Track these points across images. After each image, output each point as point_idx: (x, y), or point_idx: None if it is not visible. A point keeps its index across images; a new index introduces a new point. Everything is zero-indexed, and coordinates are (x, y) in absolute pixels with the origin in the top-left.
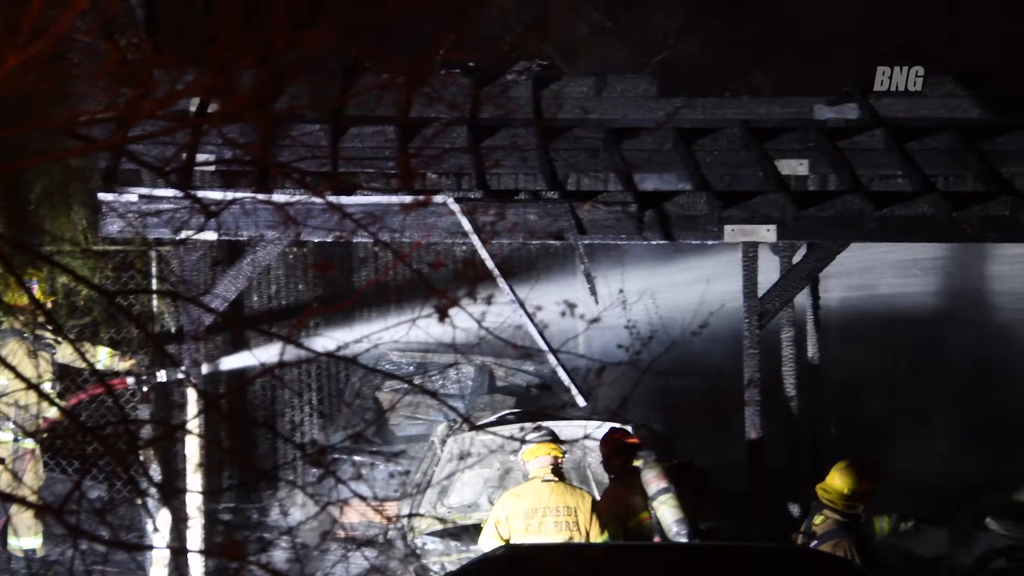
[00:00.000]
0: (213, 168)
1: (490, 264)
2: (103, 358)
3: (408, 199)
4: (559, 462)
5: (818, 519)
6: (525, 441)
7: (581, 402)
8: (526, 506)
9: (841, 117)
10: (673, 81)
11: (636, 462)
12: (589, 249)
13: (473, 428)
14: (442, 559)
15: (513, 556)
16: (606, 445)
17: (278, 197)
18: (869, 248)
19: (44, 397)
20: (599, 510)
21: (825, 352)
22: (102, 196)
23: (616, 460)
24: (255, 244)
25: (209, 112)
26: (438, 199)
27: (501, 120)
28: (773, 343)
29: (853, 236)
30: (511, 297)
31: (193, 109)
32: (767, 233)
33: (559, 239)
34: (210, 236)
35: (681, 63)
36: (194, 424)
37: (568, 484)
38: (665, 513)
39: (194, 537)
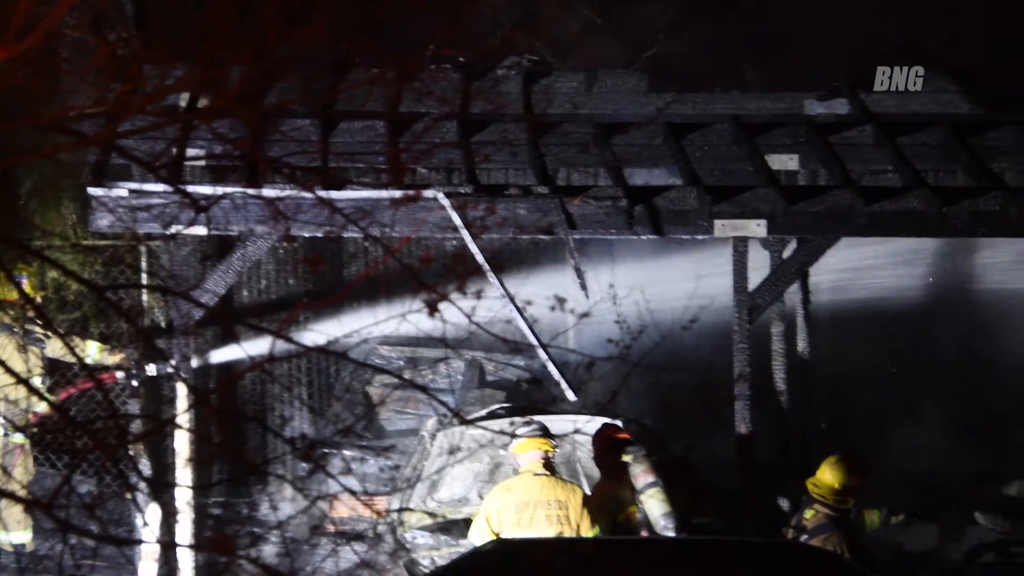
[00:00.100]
0: (203, 163)
1: (480, 259)
2: (93, 353)
3: (398, 194)
4: (550, 456)
5: (808, 513)
6: (516, 435)
7: (571, 396)
8: (517, 500)
9: (831, 112)
10: (663, 76)
11: (625, 457)
12: (579, 244)
13: (463, 422)
14: (432, 553)
15: (503, 550)
16: (598, 442)
17: (268, 192)
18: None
19: (34, 392)
20: (589, 504)
21: (815, 347)
22: (92, 191)
23: (607, 457)
24: (245, 239)
25: (199, 107)
26: (428, 194)
27: (491, 115)
28: (763, 338)
29: (843, 231)
30: (501, 292)
31: (183, 104)
32: (757, 228)
33: (549, 234)
34: (200, 231)
35: (671, 58)
36: (184, 419)
37: (559, 478)
38: (653, 506)
39: (184, 531)
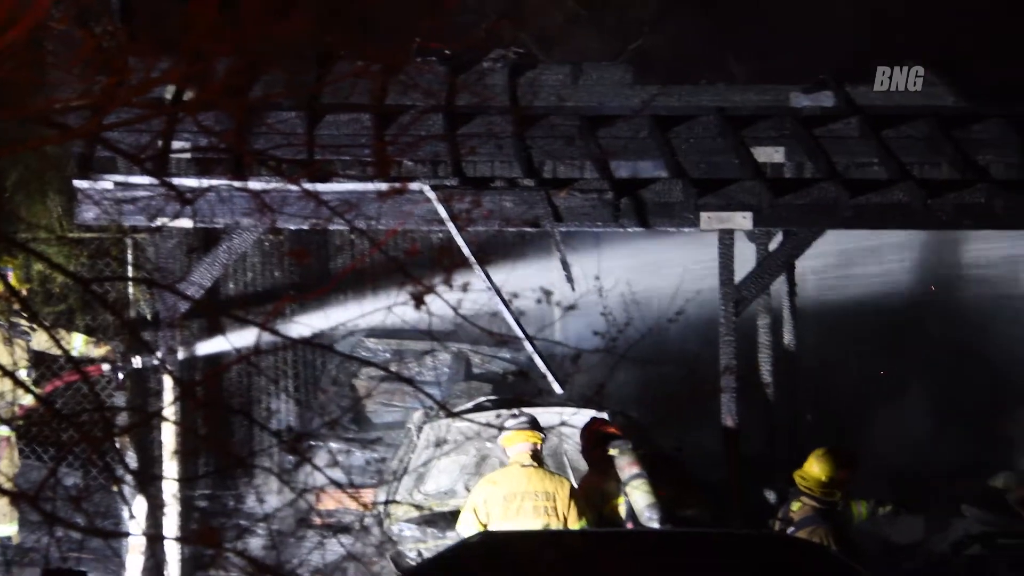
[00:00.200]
0: (188, 156)
1: (466, 251)
2: (78, 345)
3: (384, 186)
4: (538, 448)
5: (795, 506)
6: (504, 427)
7: (557, 389)
8: (505, 491)
9: (817, 105)
10: (649, 69)
11: (611, 451)
12: (565, 236)
13: (449, 415)
14: (418, 546)
15: (490, 543)
16: (586, 436)
17: (254, 185)
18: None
19: (19, 384)
20: (577, 496)
21: (801, 339)
22: (77, 183)
23: (595, 451)
24: (231, 231)
25: (184, 100)
26: (414, 186)
27: (477, 108)
28: (749, 330)
29: (829, 223)
30: (487, 284)
31: (169, 97)
32: (743, 220)
33: (535, 226)
34: (186, 223)
35: (657, 51)
36: (170, 411)
37: (547, 470)
38: (637, 498)
39: (170, 524)
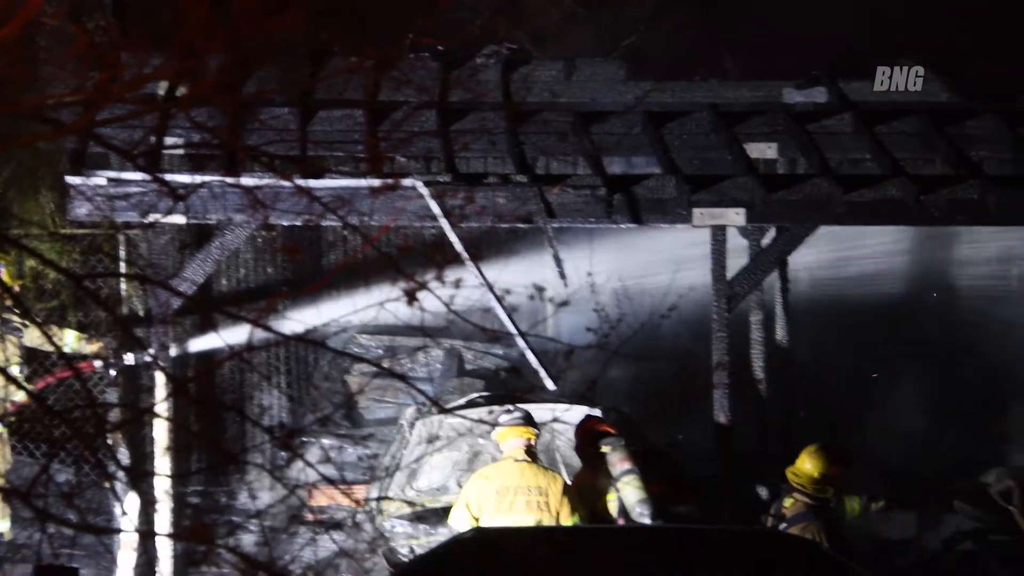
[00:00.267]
0: (181, 151)
1: (459, 247)
2: (71, 341)
3: (377, 182)
4: (532, 444)
5: (788, 502)
6: (496, 424)
7: (550, 385)
8: (498, 485)
9: (810, 101)
10: (642, 65)
11: (604, 448)
12: (558, 232)
13: (442, 411)
14: (411, 542)
15: (482, 539)
16: (579, 433)
17: (246, 181)
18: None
19: (11, 380)
20: (570, 493)
21: (794, 335)
22: (70, 179)
23: (589, 448)
24: (223, 227)
25: (177, 95)
26: (407, 182)
27: (470, 104)
28: (742, 326)
29: (822, 219)
30: (480, 280)
31: (161, 92)
32: (736, 216)
33: (528, 222)
34: (178, 219)
35: (650, 47)
36: (162, 407)
37: (540, 465)
38: (629, 493)
39: (162, 520)
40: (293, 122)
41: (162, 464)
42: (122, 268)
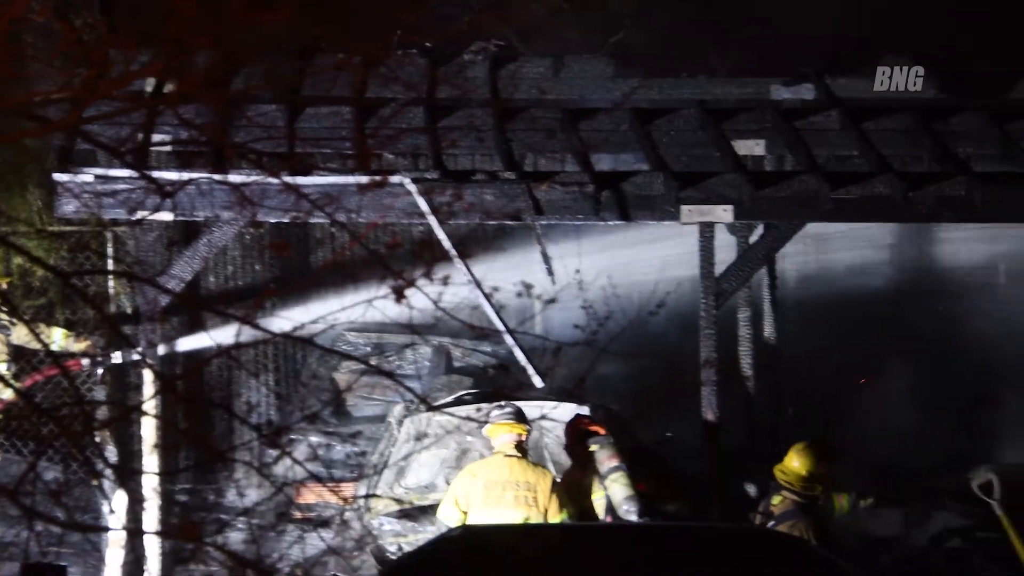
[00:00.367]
0: (169, 148)
1: (447, 244)
2: (58, 339)
3: (365, 179)
4: (523, 439)
5: (776, 500)
6: (487, 421)
7: (538, 382)
8: (486, 479)
9: (797, 97)
10: (630, 61)
11: (592, 447)
12: (546, 229)
13: (430, 408)
14: (398, 540)
15: (470, 536)
16: (569, 432)
17: (234, 177)
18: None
19: None
20: (559, 489)
21: (782, 332)
22: (57, 176)
23: (578, 446)
24: (211, 224)
25: (165, 92)
26: (395, 179)
27: (458, 100)
28: (730, 323)
29: (809, 216)
30: (468, 278)
31: (149, 89)
32: (724, 213)
33: (516, 219)
34: (166, 217)
35: (638, 44)
36: (150, 405)
37: (530, 462)
38: (616, 490)
39: (150, 518)
40: (281, 119)
41: (150, 462)
42: (110, 265)
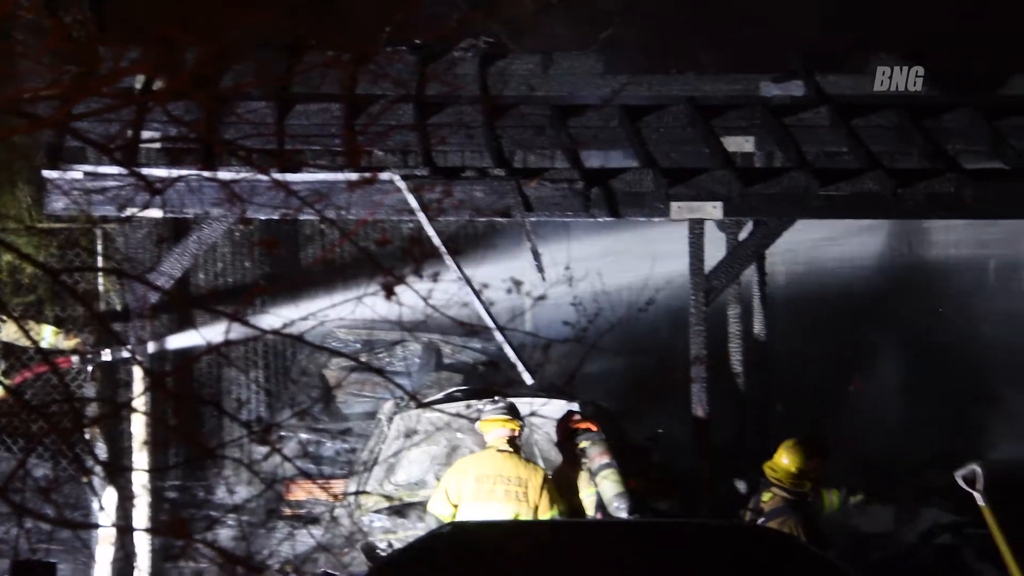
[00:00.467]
0: (158, 145)
1: (436, 241)
2: (48, 336)
3: (354, 176)
4: (516, 435)
5: (766, 496)
6: (478, 417)
7: (528, 379)
8: (477, 472)
9: (787, 94)
10: (619, 58)
11: (583, 443)
12: (535, 226)
13: (420, 405)
14: (388, 536)
15: (460, 533)
16: (560, 428)
17: (223, 175)
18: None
19: None
20: (549, 486)
21: (772, 329)
22: (47, 173)
23: (569, 443)
24: (200, 221)
25: (154, 89)
26: (384, 176)
27: (447, 97)
28: (720, 320)
29: (799, 213)
30: (458, 274)
31: (138, 86)
32: (713, 210)
33: (506, 216)
34: (155, 214)
35: (627, 40)
36: (139, 402)
37: (522, 457)
38: (606, 487)
39: (140, 515)
40: (270, 116)
41: (140, 459)
42: (99, 262)
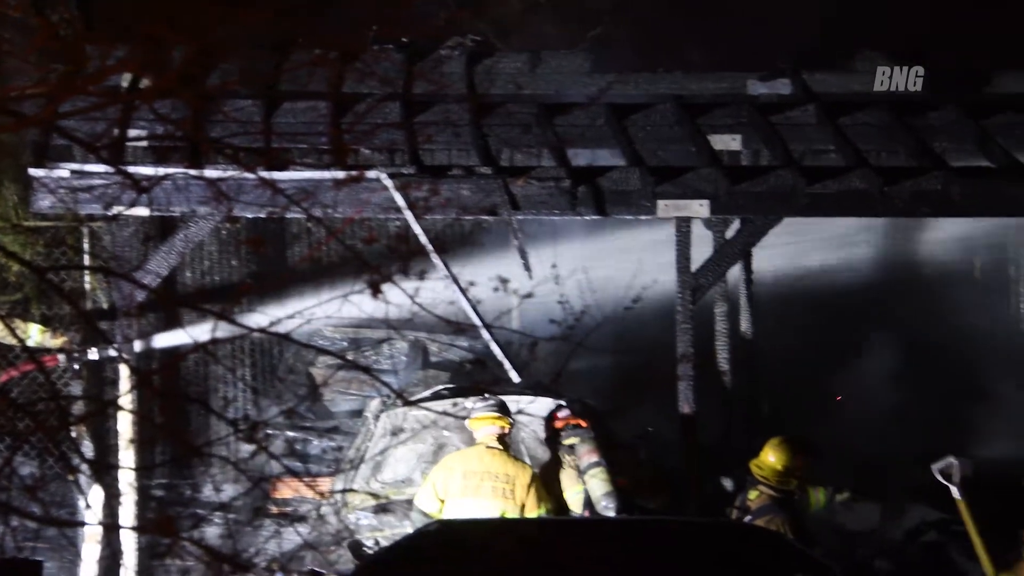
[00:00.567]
0: (145, 144)
1: (423, 239)
2: (34, 335)
3: (341, 175)
4: (505, 432)
5: (752, 494)
6: (465, 416)
7: (514, 377)
8: (465, 468)
9: (774, 92)
10: (606, 57)
11: (572, 440)
12: (522, 224)
13: (406, 403)
14: (375, 534)
15: (446, 531)
16: (549, 425)
17: (210, 173)
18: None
19: None
20: (537, 484)
21: (758, 327)
22: (33, 172)
23: (557, 439)
24: (187, 220)
25: (141, 88)
26: (371, 174)
27: (434, 96)
28: (706, 318)
29: (785, 211)
30: (444, 272)
31: (125, 85)
32: (700, 208)
33: (492, 214)
34: (142, 212)
35: (614, 39)
36: (126, 400)
37: (510, 455)
38: (595, 486)
39: (126, 513)
40: (257, 114)
41: (126, 457)
42: (86, 261)
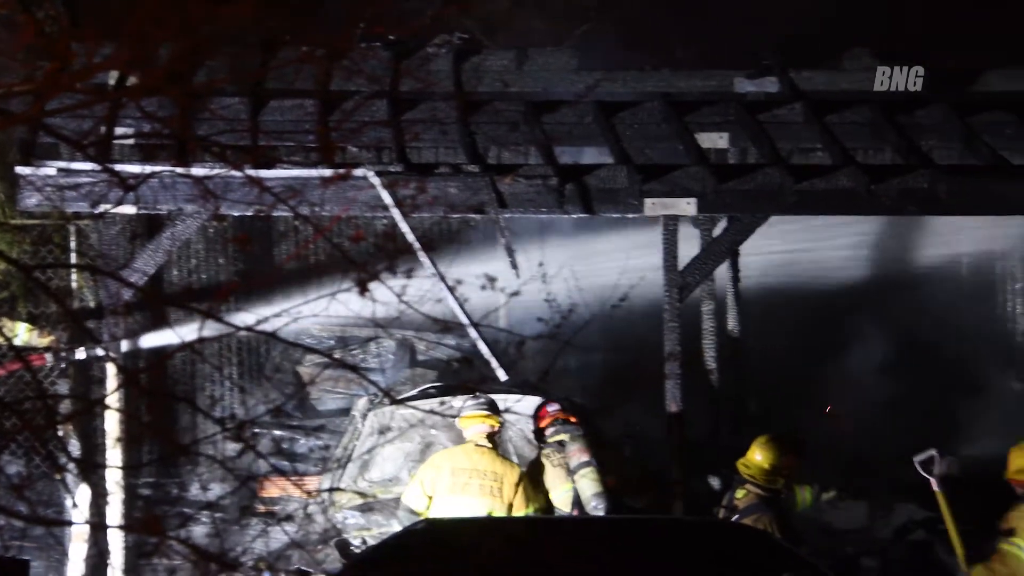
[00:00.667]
0: (132, 142)
1: (410, 238)
2: (21, 333)
3: (328, 172)
4: (495, 431)
5: (739, 493)
6: (448, 415)
7: (502, 376)
8: (453, 465)
9: (761, 90)
10: (594, 54)
11: (562, 436)
12: (509, 222)
13: (394, 402)
14: (362, 533)
15: (434, 530)
16: (536, 419)
17: (197, 171)
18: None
19: None
20: (525, 483)
21: (745, 326)
22: (20, 170)
23: (545, 435)
24: (174, 218)
25: (128, 85)
26: (358, 172)
27: (421, 93)
28: (694, 316)
29: (773, 209)
30: (432, 271)
31: (112, 82)
32: (687, 206)
33: (480, 212)
34: (129, 210)
35: (602, 36)
36: (113, 399)
37: (499, 454)
38: (585, 486)
39: (113, 512)
40: (244, 112)
41: (113, 456)
42: (73, 259)
